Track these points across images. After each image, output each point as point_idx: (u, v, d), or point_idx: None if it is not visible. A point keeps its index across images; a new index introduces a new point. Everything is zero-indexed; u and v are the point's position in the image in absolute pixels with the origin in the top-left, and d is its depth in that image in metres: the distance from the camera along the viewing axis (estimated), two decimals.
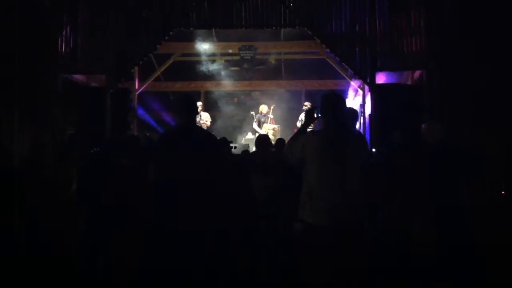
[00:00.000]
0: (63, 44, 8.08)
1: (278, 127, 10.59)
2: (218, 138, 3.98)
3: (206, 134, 3.87)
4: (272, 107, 10.78)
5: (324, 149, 3.24)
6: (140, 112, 11.05)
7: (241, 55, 11.61)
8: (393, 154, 4.54)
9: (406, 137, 4.68)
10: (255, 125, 10.62)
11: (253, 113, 10.80)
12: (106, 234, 4.21)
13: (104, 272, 4.17)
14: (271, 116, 10.64)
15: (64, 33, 8.08)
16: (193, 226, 3.38)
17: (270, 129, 10.32)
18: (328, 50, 9.06)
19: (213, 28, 9.31)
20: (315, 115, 3.42)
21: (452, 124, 6.56)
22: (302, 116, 10.32)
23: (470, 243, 3.82)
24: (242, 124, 11.73)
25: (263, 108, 10.66)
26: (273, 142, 9.89)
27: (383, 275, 3.80)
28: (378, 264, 3.76)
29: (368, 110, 8.99)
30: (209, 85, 12.61)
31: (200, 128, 4.47)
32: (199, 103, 10.56)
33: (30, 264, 4.14)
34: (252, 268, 4.26)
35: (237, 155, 6.82)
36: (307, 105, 10.48)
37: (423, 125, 4.32)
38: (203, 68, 11.95)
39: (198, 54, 11.48)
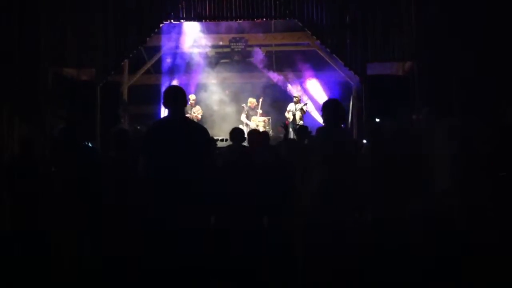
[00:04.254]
0: (53, 38, 8.00)
1: (267, 119, 10.61)
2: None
3: (196, 126, 3.82)
4: (260, 100, 10.78)
5: (327, 153, 3.49)
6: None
7: (232, 47, 11.55)
8: (385, 145, 4.51)
9: (399, 127, 4.66)
10: (243, 117, 10.64)
11: (244, 105, 10.80)
12: (98, 230, 4.20)
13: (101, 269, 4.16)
14: (259, 111, 10.67)
15: (54, 26, 7.99)
16: (184, 223, 3.31)
17: (260, 121, 10.38)
18: (319, 41, 9.06)
19: (203, 20, 9.25)
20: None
21: (441, 113, 6.68)
22: (290, 106, 10.35)
23: (467, 241, 3.79)
24: (233, 116, 11.66)
25: (252, 102, 10.70)
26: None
27: (377, 272, 3.77)
28: (373, 261, 3.76)
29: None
30: (200, 77, 12.52)
31: (191, 120, 4.44)
32: (192, 96, 10.52)
33: (28, 263, 4.11)
34: (253, 268, 4.19)
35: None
36: (297, 96, 10.49)
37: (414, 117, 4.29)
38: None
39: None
